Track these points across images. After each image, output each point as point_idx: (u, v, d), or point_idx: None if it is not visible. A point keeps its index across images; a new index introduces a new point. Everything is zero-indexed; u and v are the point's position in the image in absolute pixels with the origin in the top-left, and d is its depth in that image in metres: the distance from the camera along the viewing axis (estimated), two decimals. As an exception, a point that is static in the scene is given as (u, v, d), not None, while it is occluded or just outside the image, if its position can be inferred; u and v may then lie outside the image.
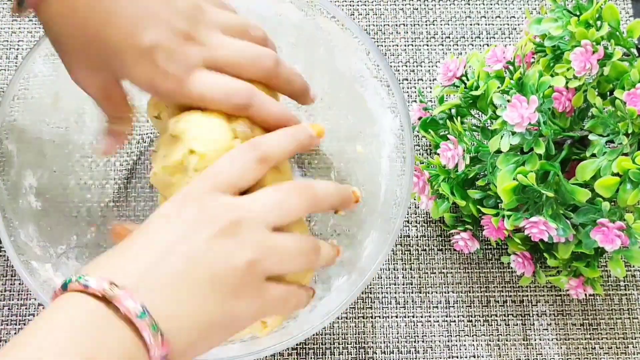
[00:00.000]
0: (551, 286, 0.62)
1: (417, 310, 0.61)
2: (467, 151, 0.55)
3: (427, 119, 0.61)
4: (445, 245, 0.63)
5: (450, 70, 0.58)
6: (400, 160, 0.54)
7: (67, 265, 0.53)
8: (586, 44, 0.50)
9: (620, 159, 0.49)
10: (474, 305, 0.61)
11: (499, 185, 0.51)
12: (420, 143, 0.66)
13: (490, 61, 0.55)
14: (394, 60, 0.68)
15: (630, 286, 0.62)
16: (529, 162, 0.51)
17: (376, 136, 0.57)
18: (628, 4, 0.69)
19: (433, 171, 0.57)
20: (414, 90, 0.67)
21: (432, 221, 0.64)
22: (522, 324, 0.61)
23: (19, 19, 0.68)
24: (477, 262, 0.63)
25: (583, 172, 0.51)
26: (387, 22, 0.69)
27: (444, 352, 0.60)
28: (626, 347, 0.61)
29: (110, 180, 0.60)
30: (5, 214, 0.51)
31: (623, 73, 0.51)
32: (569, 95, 0.53)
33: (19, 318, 0.60)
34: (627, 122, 0.50)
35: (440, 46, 0.68)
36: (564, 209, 0.52)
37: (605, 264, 0.62)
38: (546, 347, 0.60)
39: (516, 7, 0.69)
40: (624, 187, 0.49)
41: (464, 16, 0.69)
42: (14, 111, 0.53)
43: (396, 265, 0.62)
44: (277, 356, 0.59)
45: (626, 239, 0.50)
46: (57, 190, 0.57)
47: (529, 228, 0.52)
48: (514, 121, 0.50)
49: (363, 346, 0.60)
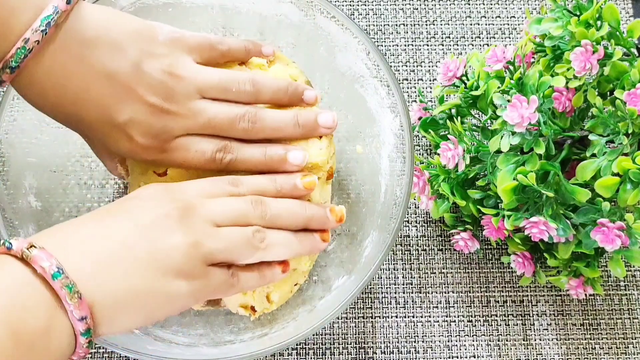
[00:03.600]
0: (551, 286, 0.62)
1: (417, 310, 0.61)
2: (467, 151, 0.55)
3: (427, 119, 0.61)
4: (445, 245, 0.63)
5: (450, 70, 0.58)
6: (400, 160, 0.54)
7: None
8: (586, 44, 0.50)
9: (620, 159, 0.49)
10: (474, 305, 0.61)
11: (499, 185, 0.51)
12: (420, 143, 0.66)
13: (490, 61, 0.55)
14: (394, 60, 0.68)
15: (630, 286, 0.62)
16: (529, 162, 0.51)
17: (376, 136, 0.57)
18: (628, 4, 0.69)
19: (433, 171, 0.57)
20: (414, 90, 0.67)
21: (432, 221, 0.64)
22: (522, 324, 0.61)
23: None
24: (477, 262, 0.63)
25: (583, 172, 0.51)
26: (387, 22, 0.69)
27: (444, 352, 0.60)
28: (626, 347, 0.61)
29: (110, 180, 0.60)
30: (5, 214, 0.51)
31: (623, 73, 0.51)
32: (569, 95, 0.53)
33: (19, 318, 0.60)
34: (627, 122, 0.50)
35: (440, 46, 0.68)
36: (564, 209, 0.52)
37: (605, 264, 0.62)
38: (546, 347, 0.60)
39: (516, 7, 0.69)
40: (624, 187, 0.49)
41: (464, 16, 0.69)
42: (14, 111, 0.53)
43: (396, 265, 0.62)
44: (277, 356, 0.60)
45: (626, 239, 0.50)
46: (57, 190, 0.57)
47: (529, 228, 0.52)
48: (514, 121, 0.50)
49: (363, 346, 0.60)
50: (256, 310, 0.52)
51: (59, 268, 0.37)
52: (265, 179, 0.48)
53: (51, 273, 0.37)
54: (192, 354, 0.51)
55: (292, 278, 0.54)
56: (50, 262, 0.37)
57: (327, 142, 0.53)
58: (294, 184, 0.49)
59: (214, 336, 0.54)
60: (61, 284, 0.37)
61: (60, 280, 0.37)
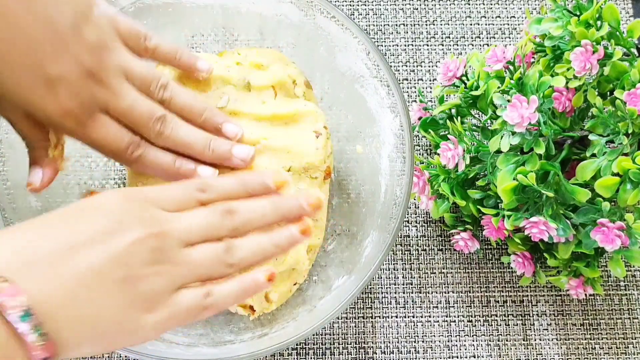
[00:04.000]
0: (551, 286, 0.62)
1: (417, 310, 0.61)
2: (467, 151, 0.55)
3: (427, 119, 0.61)
4: (445, 245, 0.63)
5: (450, 70, 0.58)
6: (400, 160, 0.54)
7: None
8: (586, 44, 0.50)
9: (620, 159, 0.49)
10: (474, 305, 0.61)
11: (499, 185, 0.51)
12: (420, 143, 0.66)
13: (490, 61, 0.55)
14: (394, 60, 0.68)
15: (630, 286, 0.62)
16: (529, 162, 0.51)
17: (376, 136, 0.57)
18: (628, 4, 0.69)
19: (433, 171, 0.57)
20: (414, 90, 0.67)
21: (432, 221, 0.64)
22: (522, 324, 0.61)
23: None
24: (477, 262, 0.63)
25: (583, 172, 0.51)
26: (387, 22, 0.69)
27: (444, 352, 0.60)
28: (626, 347, 0.61)
29: (110, 180, 0.60)
30: (5, 214, 0.51)
31: (623, 73, 0.51)
32: (569, 95, 0.53)
33: (19, 318, 0.60)
34: (627, 122, 0.50)
35: (440, 46, 0.68)
36: (564, 209, 0.52)
37: (605, 264, 0.62)
38: (546, 347, 0.60)
39: (516, 7, 0.69)
40: (624, 187, 0.49)
41: (464, 16, 0.69)
42: (14, 111, 0.53)
43: (396, 265, 0.62)
44: (277, 356, 0.59)
45: (626, 239, 0.50)
46: (57, 190, 0.57)
47: (529, 228, 0.52)
48: (514, 121, 0.50)
49: (363, 346, 0.60)
50: (255, 309, 0.52)
51: (28, 308, 0.33)
52: (234, 183, 0.44)
53: (19, 314, 0.33)
54: (192, 354, 0.51)
55: (292, 277, 0.54)
56: (18, 300, 0.33)
57: (323, 142, 0.53)
58: (266, 185, 0.45)
59: (214, 336, 0.54)
60: (30, 326, 0.33)
61: (28, 322, 0.33)
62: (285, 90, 0.55)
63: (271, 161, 0.52)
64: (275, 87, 0.55)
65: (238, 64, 0.55)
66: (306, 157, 0.53)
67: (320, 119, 0.55)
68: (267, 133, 0.53)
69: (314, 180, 0.54)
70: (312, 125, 0.55)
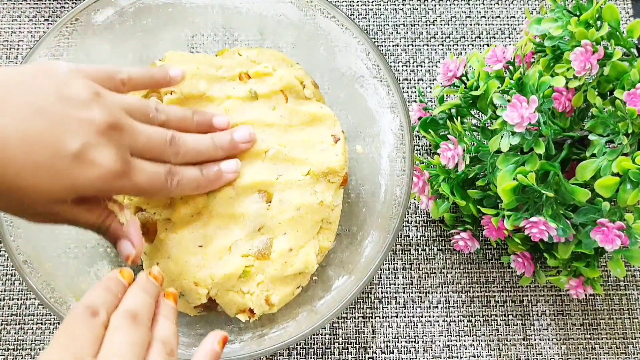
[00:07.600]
0: (551, 286, 0.62)
1: (417, 310, 0.61)
2: (467, 151, 0.55)
3: (427, 119, 0.61)
4: (445, 245, 0.63)
5: (450, 70, 0.58)
6: (400, 160, 0.54)
7: (67, 265, 0.53)
8: (586, 44, 0.50)
9: (620, 159, 0.49)
10: (474, 305, 0.61)
11: (499, 185, 0.51)
12: (420, 143, 0.66)
13: (490, 61, 0.55)
14: (394, 60, 0.68)
15: (630, 286, 0.62)
16: (529, 162, 0.51)
17: (376, 136, 0.57)
18: (628, 4, 0.69)
19: (433, 171, 0.57)
20: (414, 90, 0.67)
21: (432, 221, 0.64)
22: (522, 324, 0.61)
23: (19, 19, 0.68)
24: (477, 262, 0.63)
25: (583, 172, 0.51)
26: (387, 22, 0.69)
27: (444, 352, 0.60)
28: (626, 347, 0.61)
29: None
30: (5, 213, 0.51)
31: (623, 73, 0.51)
32: (569, 95, 0.53)
33: (19, 318, 0.60)
34: (627, 122, 0.50)
35: (440, 46, 0.68)
36: (564, 209, 0.52)
37: (605, 264, 0.62)
38: (546, 347, 0.60)
39: (516, 7, 0.69)
40: (624, 187, 0.49)
41: (464, 16, 0.69)
42: (14, 111, 0.53)
43: (396, 265, 0.62)
44: (277, 356, 0.59)
45: (626, 239, 0.50)
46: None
47: (529, 228, 0.52)
48: (514, 121, 0.50)
49: (363, 346, 0.60)
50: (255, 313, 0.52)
51: None
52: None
53: None
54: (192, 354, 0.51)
55: (297, 280, 0.54)
56: None
57: (342, 148, 0.54)
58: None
59: (214, 336, 0.54)
60: None
61: None
62: (295, 92, 0.56)
63: (288, 168, 0.53)
64: (285, 91, 0.55)
65: (241, 78, 0.55)
66: (327, 162, 0.53)
67: (337, 123, 0.55)
68: (282, 139, 0.54)
69: (332, 185, 0.54)
70: (330, 129, 0.55)
